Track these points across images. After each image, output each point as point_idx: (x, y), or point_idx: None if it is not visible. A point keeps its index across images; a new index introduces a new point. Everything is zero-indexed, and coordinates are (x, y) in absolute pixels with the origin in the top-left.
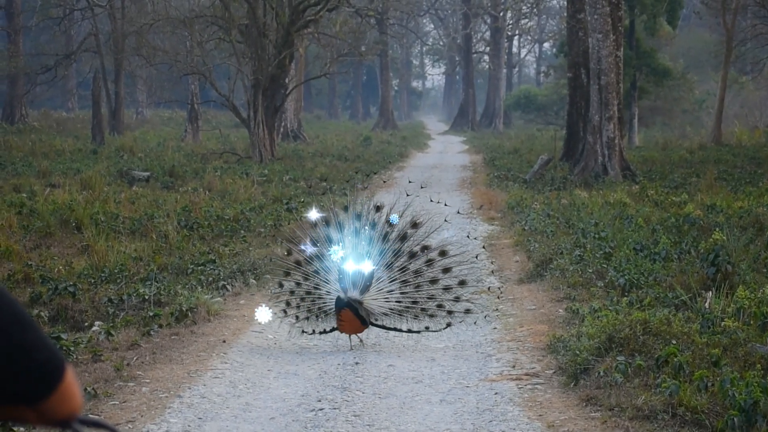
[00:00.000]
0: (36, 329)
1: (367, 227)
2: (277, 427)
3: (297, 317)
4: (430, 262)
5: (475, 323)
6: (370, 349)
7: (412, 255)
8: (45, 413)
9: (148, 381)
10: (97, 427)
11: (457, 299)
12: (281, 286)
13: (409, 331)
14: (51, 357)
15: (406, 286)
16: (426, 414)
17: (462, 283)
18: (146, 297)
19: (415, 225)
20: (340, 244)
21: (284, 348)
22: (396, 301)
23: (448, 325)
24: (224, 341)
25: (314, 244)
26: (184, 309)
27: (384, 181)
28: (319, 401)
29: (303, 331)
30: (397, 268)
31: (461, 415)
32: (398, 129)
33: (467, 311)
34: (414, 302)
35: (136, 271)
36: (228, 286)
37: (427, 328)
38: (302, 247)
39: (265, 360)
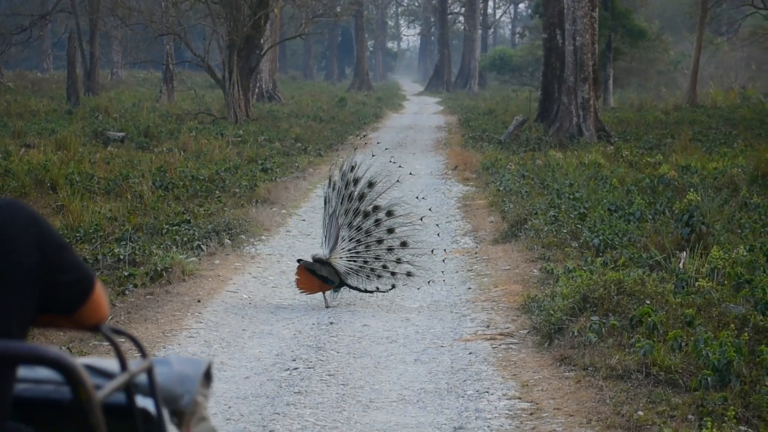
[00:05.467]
0: (71, 250)
1: (342, 187)
2: (251, 386)
3: None
4: (377, 222)
5: (439, 282)
6: (345, 309)
7: (366, 215)
8: (78, 320)
9: (122, 341)
10: (119, 334)
11: (398, 261)
12: None
13: (365, 290)
14: (85, 273)
15: (359, 245)
16: (400, 373)
17: (403, 244)
18: (121, 257)
19: (371, 185)
20: (329, 204)
21: (259, 308)
22: (352, 261)
23: (393, 286)
24: (199, 301)
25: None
26: (158, 269)
27: (365, 143)
28: (294, 361)
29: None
30: (355, 228)
31: (435, 375)
32: (373, 90)
33: (409, 274)
34: (365, 262)
35: (111, 231)
36: (203, 246)
37: (377, 288)
38: None
39: (240, 320)
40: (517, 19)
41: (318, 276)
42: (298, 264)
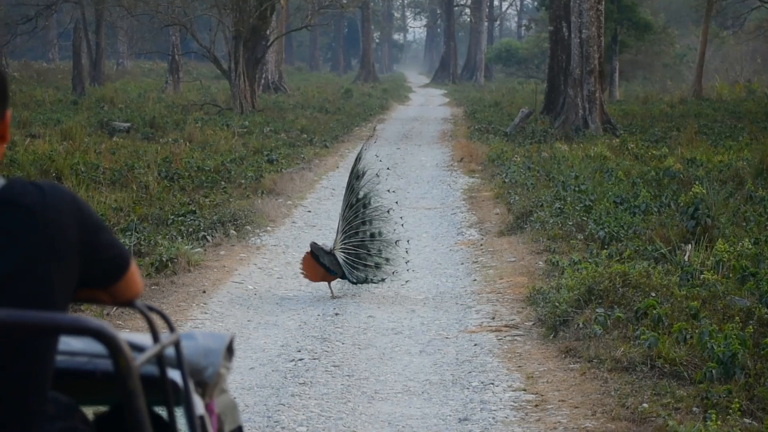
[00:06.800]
0: (109, 229)
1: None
2: (256, 377)
3: None
4: (356, 214)
5: (443, 274)
6: (350, 300)
7: (351, 206)
8: (115, 295)
9: (128, 330)
10: (150, 311)
11: (368, 253)
12: None
13: (355, 282)
14: (121, 251)
15: (346, 236)
16: (405, 365)
17: (372, 236)
18: (126, 247)
19: (358, 177)
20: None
21: (264, 299)
22: (344, 252)
23: (382, 280)
24: (204, 292)
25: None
26: (164, 259)
27: (371, 134)
28: (299, 352)
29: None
30: (345, 219)
31: (440, 366)
32: (379, 81)
33: (377, 266)
34: (349, 253)
35: (116, 222)
36: (208, 237)
37: (355, 281)
38: None
39: (245, 311)
40: (523, 12)
41: (320, 264)
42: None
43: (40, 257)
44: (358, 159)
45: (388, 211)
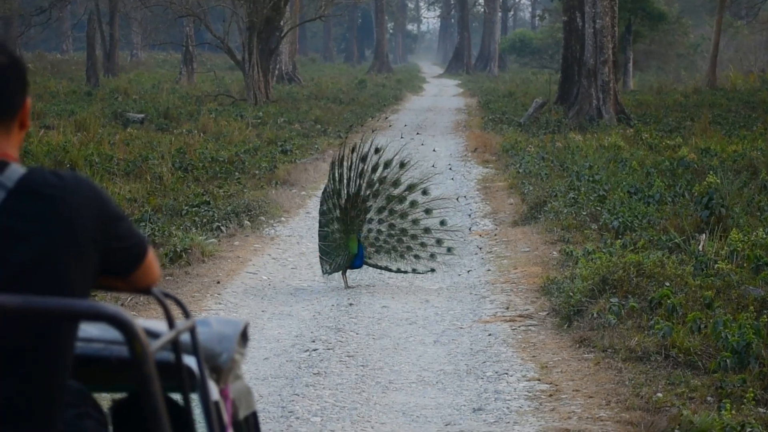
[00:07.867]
0: (128, 219)
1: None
2: (271, 367)
3: None
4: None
5: (458, 264)
6: (364, 290)
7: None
8: (133, 282)
9: (142, 319)
10: (167, 298)
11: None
12: None
13: (386, 268)
14: (140, 240)
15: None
16: (420, 355)
17: (430, 227)
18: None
19: (333, 165)
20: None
21: (278, 289)
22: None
23: (432, 270)
24: (218, 282)
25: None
26: (178, 250)
27: (390, 123)
28: (313, 342)
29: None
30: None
31: (455, 356)
32: (393, 72)
33: (449, 249)
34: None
35: (130, 213)
36: (222, 228)
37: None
38: None
39: (259, 301)
40: (537, 2)
41: None
42: None
43: (60, 245)
44: (377, 149)
45: (457, 198)
